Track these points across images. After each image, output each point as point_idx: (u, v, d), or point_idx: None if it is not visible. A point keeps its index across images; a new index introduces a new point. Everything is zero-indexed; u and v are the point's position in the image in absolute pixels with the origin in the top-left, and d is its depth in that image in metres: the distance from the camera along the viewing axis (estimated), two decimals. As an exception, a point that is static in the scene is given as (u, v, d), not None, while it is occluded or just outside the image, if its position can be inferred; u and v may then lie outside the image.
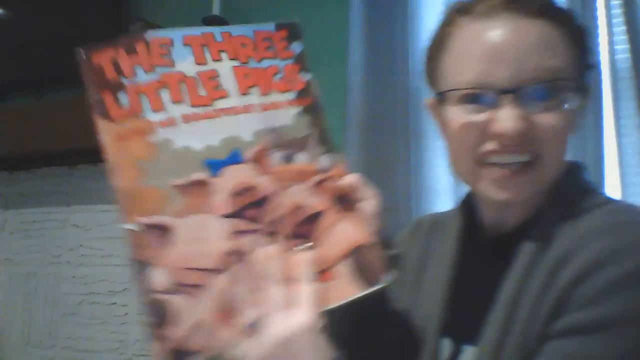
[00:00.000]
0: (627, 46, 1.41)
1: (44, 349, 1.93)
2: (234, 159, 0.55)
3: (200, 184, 0.53)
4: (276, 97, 0.57)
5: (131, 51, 0.55)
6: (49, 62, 2.03)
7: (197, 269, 0.52)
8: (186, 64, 0.55)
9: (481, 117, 0.60)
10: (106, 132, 0.53)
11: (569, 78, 0.60)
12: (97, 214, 1.89)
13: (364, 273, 0.56)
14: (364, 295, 0.56)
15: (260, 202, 0.55)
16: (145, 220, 0.52)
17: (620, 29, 1.43)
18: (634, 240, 0.54)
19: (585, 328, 0.52)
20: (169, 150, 0.53)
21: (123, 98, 0.54)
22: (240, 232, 0.54)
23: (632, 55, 1.40)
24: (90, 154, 1.88)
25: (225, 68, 0.56)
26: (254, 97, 0.56)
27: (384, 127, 1.54)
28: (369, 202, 0.59)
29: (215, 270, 0.52)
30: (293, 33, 0.61)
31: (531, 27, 0.60)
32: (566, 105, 0.60)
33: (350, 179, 0.60)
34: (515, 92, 0.58)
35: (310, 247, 0.55)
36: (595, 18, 1.45)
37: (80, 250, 1.91)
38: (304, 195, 0.57)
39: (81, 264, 1.91)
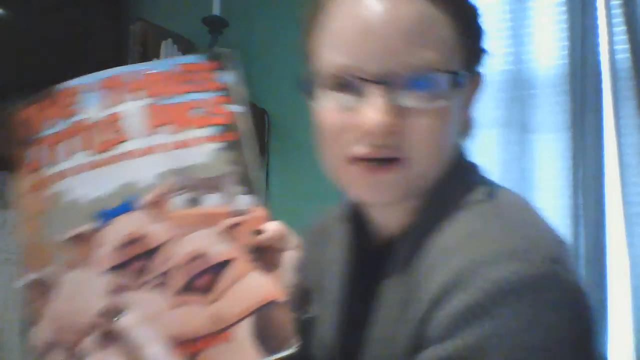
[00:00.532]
0: (627, 46, 1.41)
1: (44, 349, 1.93)
2: (126, 207, 0.50)
3: (84, 237, 0.49)
4: (190, 134, 0.51)
5: (42, 107, 0.53)
6: (49, 62, 2.03)
7: (71, 328, 0.48)
8: (91, 111, 0.52)
9: (348, 107, 0.53)
10: (16, 189, 0.52)
11: (448, 68, 0.53)
12: (97, 214, 1.89)
13: (268, 336, 0.48)
14: None
15: (152, 253, 0.49)
16: (26, 277, 0.50)
17: (620, 29, 1.43)
18: (494, 251, 0.46)
19: None
20: (58, 204, 0.50)
21: (28, 155, 0.52)
22: (120, 289, 0.48)
23: (632, 55, 1.40)
24: (90, 154, 1.88)
25: (132, 109, 0.52)
26: (163, 136, 0.51)
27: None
28: (290, 253, 0.52)
29: (88, 330, 0.48)
30: (223, 63, 0.54)
31: (410, 6, 0.52)
32: (445, 100, 0.53)
33: (271, 226, 0.51)
34: (384, 82, 0.51)
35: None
36: (595, 18, 1.45)
37: (80, 250, 1.91)
38: (209, 241, 0.50)
39: (81, 264, 1.91)
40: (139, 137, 0.51)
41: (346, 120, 0.53)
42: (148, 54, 1.77)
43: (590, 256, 1.39)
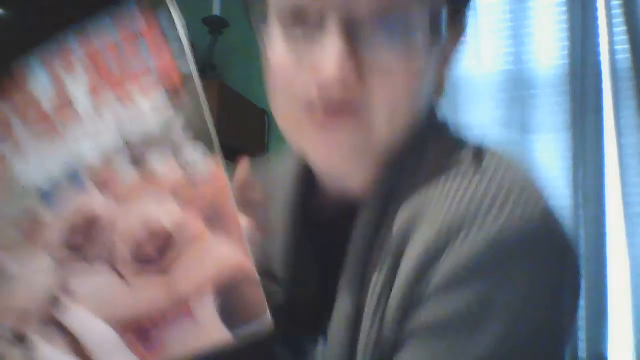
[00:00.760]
0: (627, 46, 1.41)
1: (44, 349, 1.93)
2: (73, 183, 0.46)
3: (33, 217, 0.46)
4: (138, 103, 0.47)
5: None
6: (49, 62, 2.04)
7: (18, 313, 0.45)
8: (39, 87, 0.50)
9: (303, 51, 0.45)
10: None
11: (421, 8, 0.44)
12: (97, 214, 1.89)
13: (236, 310, 0.42)
14: (235, 342, 0.41)
15: (99, 231, 0.45)
16: None
17: (620, 29, 1.43)
18: (486, 206, 0.41)
19: (435, 328, 0.41)
20: (4, 185, 0.47)
21: None
22: (70, 270, 0.45)
23: (632, 55, 1.40)
24: (90, 154, 1.88)
25: (79, 80, 0.48)
26: (108, 109, 0.47)
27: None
28: (252, 216, 0.43)
29: (34, 318, 0.44)
30: (171, 24, 0.46)
31: None
32: (415, 46, 0.44)
33: (230, 184, 0.43)
34: (345, 17, 0.42)
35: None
36: (595, 18, 1.45)
37: (80, 250, 1.91)
38: (157, 208, 0.45)
39: (81, 264, 1.91)
40: (84, 112, 0.47)
41: (299, 63, 0.45)
42: (148, 54, 1.78)
43: (590, 256, 1.39)
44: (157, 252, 0.43)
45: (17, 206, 0.47)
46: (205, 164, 0.44)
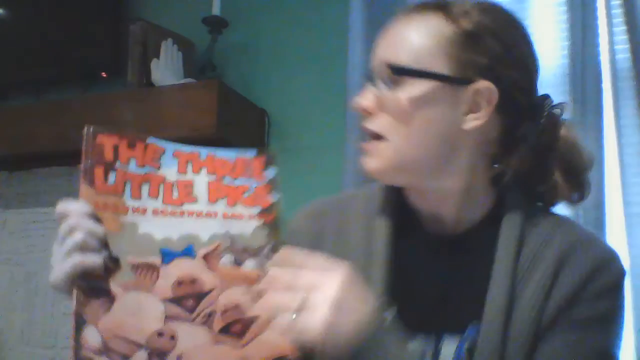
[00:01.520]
0: (627, 46, 1.41)
1: (44, 349, 1.93)
2: (187, 252, 0.62)
3: (151, 267, 0.60)
4: (241, 210, 0.65)
5: (131, 146, 0.63)
6: (49, 62, 2.04)
7: (127, 340, 0.58)
8: (170, 171, 0.64)
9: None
10: (87, 197, 0.60)
11: (422, 68, 0.65)
12: (97, 214, 1.89)
13: None
14: None
15: (201, 296, 0.61)
16: (95, 281, 0.58)
17: (621, 29, 1.43)
18: (608, 251, 0.69)
19: (587, 319, 0.65)
20: (133, 232, 0.60)
21: (111, 177, 0.61)
22: (174, 317, 0.60)
23: (632, 55, 1.40)
24: (90, 154, 1.88)
25: (201, 180, 0.65)
26: (220, 207, 0.64)
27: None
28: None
29: (142, 346, 0.58)
30: (269, 161, 0.68)
31: (403, 23, 0.68)
32: (413, 93, 0.65)
33: None
34: (370, 77, 0.69)
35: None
36: (595, 18, 1.45)
37: (80, 250, 1.91)
38: (244, 298, 0.62)
39: (81, 264, 1.91)
40: (203, 202, 0.64)
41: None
42: (148, 54, 1.78)
43: (590, 256, 1.38)
44: (240, 330, 0.61)
45: (143, 253, 0.60)
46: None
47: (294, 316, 0.56)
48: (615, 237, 1.39)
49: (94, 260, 0.57)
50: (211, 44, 1.81)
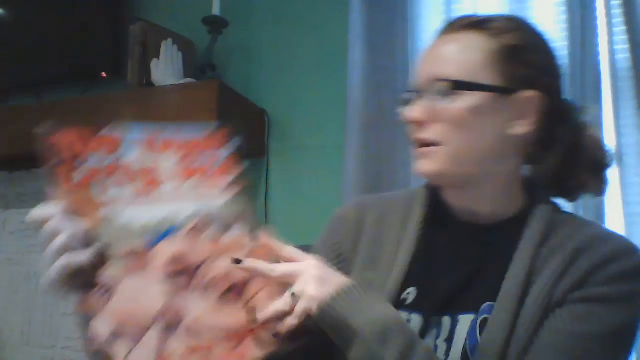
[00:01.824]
0: (626, 46, 1.41)
1: (44, 349, 1.93)
2: (170, 232, 0.65)
3: (139, 252, 0.63)
4: (210, 185, 0.68)
5: (86, 141, 0.65)
6: (49, 62, 2.04)
7: (135, 324, 0.60)
8: (133, 158, 0.66)
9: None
10: (61, 196, 0.63)
11: (471, 81, 0.72)
12: (97, 214, 1.89)
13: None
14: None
15: (196, 267, 0.65)
16: (88, 277, 0.60)
17: (620, 29, 1.43)
18: (629, 245, 0.72)
19: (596, 298, 0.68)
20: (112, 224, 0.63)
21: (76, 175, 0.64)
22: (174, 293, 0.62)
23: (632, 55, 1.40)
24: (90, 154, 1.88)
25: (166, 162, 0.67)
26: (190, 186, 0.68)
27: (384, 127, 1.54)
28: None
29: (150, 326, 0.60)
30: (231, 132, 0.72)
31: (450, 40, 0.75)
32: (463, 102, 0.72)
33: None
34: (419, 90, 0.75)
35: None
36: (595, 18, 1.45)
37: (80, 250, 1.91)
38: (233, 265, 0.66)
39: (81, 264, 1.91)
40: (171, 186, 0.67)
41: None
42: (148, 54, 1.78)
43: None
44: (240, 292, 0.65)
45: (127, 243, 0.63)
46: (256, 234, 0.69)
47: (290, 298, 0.65)
48: (615, 237, 1.39)
49: (80, 258, 0.59)
50: (211, 44, 1.81)
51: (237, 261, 0.66)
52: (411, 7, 1.60)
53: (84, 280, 0.59)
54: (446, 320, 0.72)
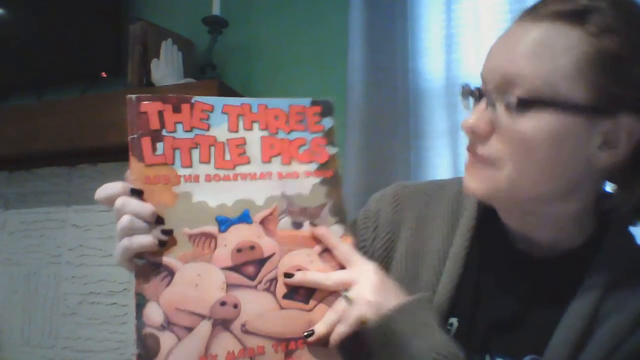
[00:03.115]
0: (627, 46, 1.41)
1: (44, 349, 1.93)
2: (243, 218, 0.60)
3: (209, 236, 0.59)
4: (297, 167, 0.63)
5: (176, 109, 0.60)
6: (49, 62, 2.04)
7: (190, 312, 0.57)
8: (220, 130, 0.61)
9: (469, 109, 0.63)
10: (136, 171, 0.58)
11: (555, 99, 0.54)
12: (97, 214, 1.89)
13: (347, 346, 0.60)
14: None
15: (261, 261, 0.60)
16: (151, 257, 0.57)
17: (620, 29, 1.42)
18: None
19: None
20: (187, 201, 0.59)
21: (159, 147, 0.59)
22: (236, 286, 0.58)
23: (632, 55, 1.40)
24: (90, 154, 1.88)
25: (254, 137, 0.62)
26: (275, 166, 0.62)
27: (384, 127, 1.54)
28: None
29: (205, 316, 0.57)
30: (326, 110, 0.65)
31: (528, 31, 0.57)
32: (538, 122, 0.55)
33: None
34: (486, 94, 0.59)
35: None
36: (595, 18, 1.44)
37: (80, 250, 1.91)
38: (307, 260, 0.61)
39: (81, 264, 1.91)
40: (256, 163, 0.61)
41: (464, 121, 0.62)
42: (148, 54, 1.78)
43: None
44: (305, 295, 0.60)
45: (199, 223, 0.59)
46: (339, 230, 0.63)
47: (344, 303, 0.58)
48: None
49: (142, 240, 0.55)
50: (211, 44, 1.81)
51: (288, 275, 0.59)
52: (411, 7, 1.60)
53: (149, 260, 0.56)
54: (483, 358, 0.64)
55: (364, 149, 1.54)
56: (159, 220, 0.57)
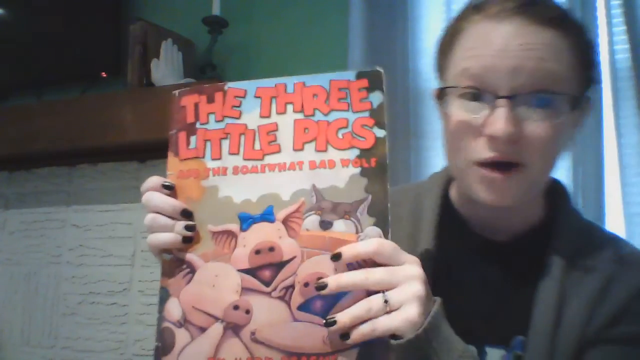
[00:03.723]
0: (627, 46, 1.41)
1: (44, 349, 1.93)
2: (266, 216, 0.55)
3: (230, 234, 0.56)
4: (333, 155, 0.54)
5: (210, 99, 0.58)
6: (49, 62, 2.04)
7: (205, 312, 0.55)
8: (251, 116, 0.57)
9: (477, 116, 0.61)
10: (172, 167, 0.57)
11: (566, 91, 0.61)
12: (97, 214, 1.89)
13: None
14: None
15: (279, 265, 0.54)
16: (177, 253, 0.56)
17: (621, 29, 1.43)
18: None
19: (634, 339, 0.62)
20: (213, 196, 0.56)
21: (192, 140, 0.57)
22: (250, 290, 0.55)
23: (632, 55, 1.40)
24: (90, 154, 1.88)
25: (287, 121, 0.56)
26: (308, 154, 0.55)
27: (384, 127, 1.54)
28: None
29: (218, 319, 0.55)
30: (374, 83, 0.55)
31: (539, 35, 0.60)
32: (559, 118, 0.60)
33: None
34: (511, 97, 0.59)
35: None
36: (595, 18, 1.45)
37: (80, 250, 1.91)
38: (330, 268, 0.53)
39: (81, 264, 1.90)
40: (287, 152, 0.56)
41: (476, 128, 0.61)
42: (148, 54, 1.78)
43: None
44: (324, 307, 0.52)
45: (223, 220, 0.56)
46: (375, 233, 0.53)
47: (381, 304, 0.51)
48: (615, 237, 1.39)
49: (164, 238, 0.56)
50: (211, 44, 1.81)
51: (321, 287, 0.52)
52: (411, 7, 1.60)
53: (175, 256, 0.56)
54: (490, 351, 0.66)
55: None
56: (187, 214, 0.56)
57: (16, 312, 1.99)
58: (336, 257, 0.52)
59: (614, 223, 1.40)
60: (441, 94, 0.66)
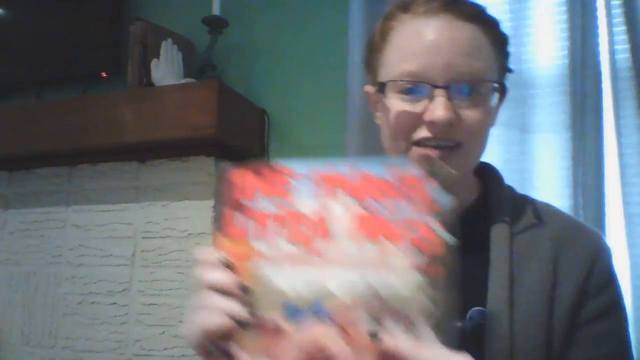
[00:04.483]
0: (627, 46, 1.41)
1: (44, 349, 1.93)
2: (316, 312, 0.49)
3: (276, 327, 0.50)
4: (396, 256, 0.47)
5: (259, 177, 0.53)
6: (49, 62, 2.04)
7: None
8: (304, 200, 0.52)
9: (416, 106, 0.69)
10: (221, 245, 0.53)
11: (492, 80, 0.70)
12: (97, 214, 1.89)
13: None
14: None
15: None
16: (222, 343, 0.51)
17: (621, 29, 1.43)
18: (598, 234, 0.74)
19: (601, 312, 0.68)
20: (261, 283, 0.51)
21: (239, 219, 0.53)
22: None
23: (632, 55, 1.40)
24: (90, 154, 1.88)
25: (342, 212, 0.50)
26: (366, 250, 0.49)
27: (384, 127, 1.54)
28: None
29: None
30: (440, 179, 0.49)
31: (464, 30, 0.68)
32: (487, 103, 0.70)
33: None
34: (446, 88, 0.67)
35: None
36: (595, 18, 1.45)
37: (80, 250, 1.91)
38: None
39: (81, 264, 1.90)
40: (341, 243, 0.50)
41: (416, 117, 0.69)
42: (148, 54, 1.78)
43: (590, 256, 1.38)
44: None
45: (264, 308, 0.50)
46: (434, 352, 0.45)
47: None
48: (615, 237, 1.39)
49: (215, 322, 0.51)
50: (211, 44, 1.81)
51: None
52: (411, 7, 1.60)
53: (219, 346, 0.51)
54: None
55: (364, 149, 1.54)
56: (248, 292, 0.51)
57: (16, 312, 1.99)
58: None
59: (614, 223, 1.40)
60: (377, 90, 0.73)
